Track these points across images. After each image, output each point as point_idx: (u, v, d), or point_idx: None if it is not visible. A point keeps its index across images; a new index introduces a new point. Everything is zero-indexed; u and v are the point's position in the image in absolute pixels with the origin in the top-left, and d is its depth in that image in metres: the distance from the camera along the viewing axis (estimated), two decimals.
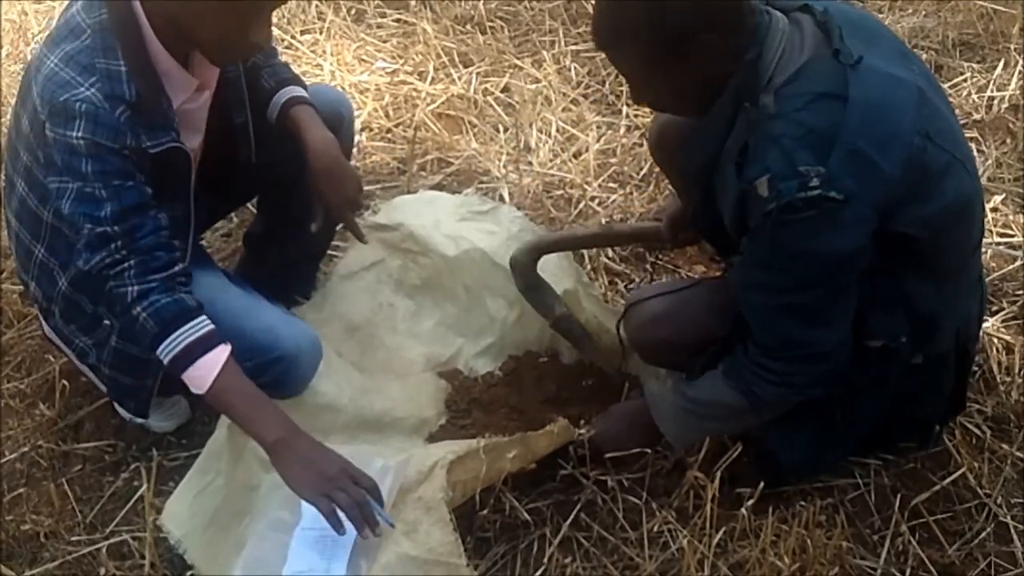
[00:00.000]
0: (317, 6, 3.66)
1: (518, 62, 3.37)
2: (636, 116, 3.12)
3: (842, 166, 1.58)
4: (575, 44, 3.48)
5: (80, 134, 1.72)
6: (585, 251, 2.57)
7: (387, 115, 3.17)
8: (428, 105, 3.18)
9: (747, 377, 1.82)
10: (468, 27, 3.58)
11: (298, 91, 2.10)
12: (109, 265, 1.77)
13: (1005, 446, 2.11)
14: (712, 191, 1.78)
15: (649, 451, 2.03)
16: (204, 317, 1.78)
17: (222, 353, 1.76)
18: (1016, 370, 2.25)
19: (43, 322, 2.14)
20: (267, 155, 2.14)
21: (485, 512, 1.94)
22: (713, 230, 1.86)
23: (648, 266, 2.55)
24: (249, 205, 2.52)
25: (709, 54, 1.64)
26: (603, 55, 1.70)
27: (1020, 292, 2.46)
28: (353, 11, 3.67)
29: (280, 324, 1.99)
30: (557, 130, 3.05)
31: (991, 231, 2.62)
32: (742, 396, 1.83)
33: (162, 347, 1.76)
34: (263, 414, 1.77)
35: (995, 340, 2.29)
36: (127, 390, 2.05)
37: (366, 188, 2.81)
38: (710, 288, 2.07)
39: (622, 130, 3.08)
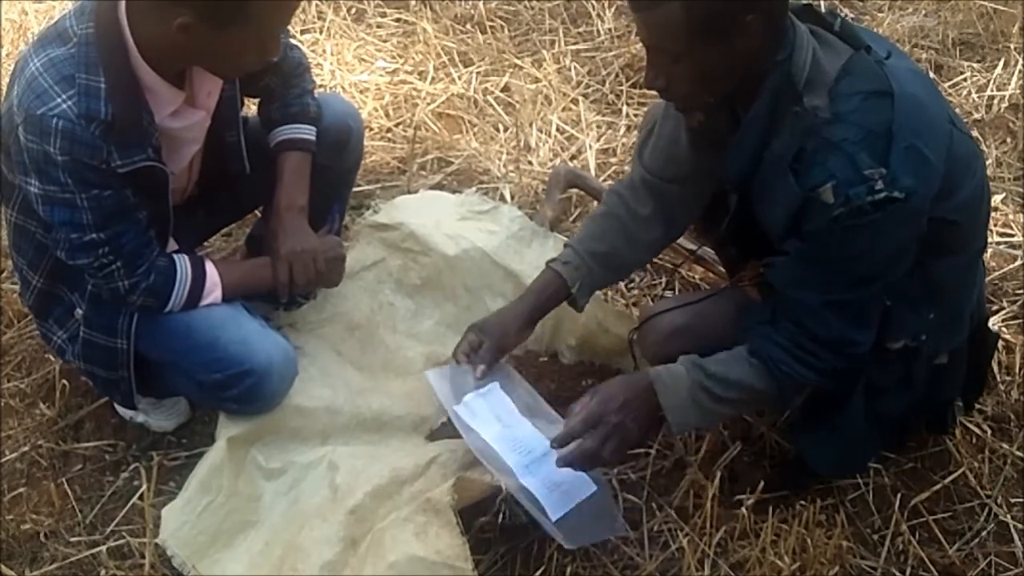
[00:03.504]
0: (317, 5, 3.66)
1: (518, 62, 3.37)
2: (636, 116, 3.12)
3: (901, 164, 1.59)
4: (575, 44, 3.48)
5: (57, 150, 1.72)
6: None
7: (387, 114, 3.17)
8: (428, 105, 3.18)
9: (777, 355, 1.74)
10: (468, 26, 3.58)
11: (295, 132, 2.11)
12: (97, 268, 1.85)
13: (1005, 445, 2.11)
14: (750, 196, 1.76)
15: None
16: (183, 266, 1.93)
17: (214, 275, 1.97)
18: (1016, 369, 2.25)
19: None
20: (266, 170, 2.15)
21: (485, 512, 1.94)
22: (744, 234, 1.86)
23: (647, 264, 2.55)
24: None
25: (748, 39, 1.61)
26: (638, 16, 1.63)
27: (1020, 292, 2.46)
28: (353, 10, 3.67)
29: (255, 337, 1.98)
30: (557, 129, 3.05)
31: (991, 231, 2.62)
32: (769, 375, 1.75)
33: (169, 308, 1.94)
34: (255, 275, 2.07)
35: None
36: (107, 383, 2.05)
37: (367, 188, 2.82)
38: (727, 299, 2.03)
39: (622, 130, 3.08)
